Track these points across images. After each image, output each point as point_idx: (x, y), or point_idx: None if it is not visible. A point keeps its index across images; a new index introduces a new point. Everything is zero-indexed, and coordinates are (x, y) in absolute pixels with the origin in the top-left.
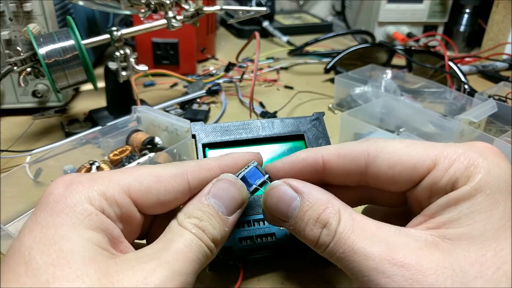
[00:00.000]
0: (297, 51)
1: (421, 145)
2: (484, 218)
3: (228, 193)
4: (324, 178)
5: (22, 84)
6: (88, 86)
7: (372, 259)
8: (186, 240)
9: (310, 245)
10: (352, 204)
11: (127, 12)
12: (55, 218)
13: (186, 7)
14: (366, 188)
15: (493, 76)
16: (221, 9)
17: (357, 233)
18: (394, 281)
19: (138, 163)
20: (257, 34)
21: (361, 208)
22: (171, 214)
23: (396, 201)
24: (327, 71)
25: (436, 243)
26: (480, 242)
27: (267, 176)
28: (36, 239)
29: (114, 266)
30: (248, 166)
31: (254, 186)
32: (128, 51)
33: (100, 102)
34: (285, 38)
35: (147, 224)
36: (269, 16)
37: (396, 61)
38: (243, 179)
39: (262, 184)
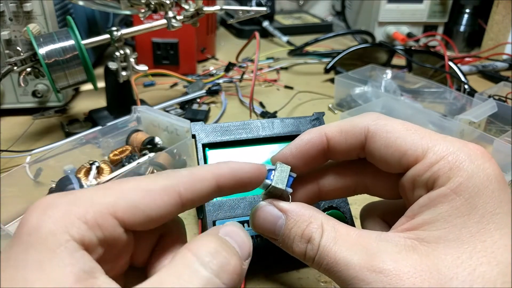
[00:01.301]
0: (297, 51)
1: (419, 132)
2: (461, 222)
3: (237, 235)
4: (329, 155)
5: (22, 84)
6: (88, 86)
7: (352, 268)
8: (192, 272)
9: (299, 258)
10: (349, 192)
11: (127, 12)
12: (24, 256)
13: (186, 7)
14: (361, 176)
15: (493, 76)
16: (221, 9)
17: (339, 243)
18: (373, 287)
19: (138, 163)
20: (257, 34)
21: (359, 207)
22: (171, 242)
23: (390, 191)
24: (327, 71)
25: (414, 246)
26: (456, 246)
27: (294, 174)
28: (3, 282)
29: None
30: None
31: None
32: (128, 51)
33: (100, 102)
34: (285, 38)
35: (147, 247)
36: (269, 16)
37: (396, 61)
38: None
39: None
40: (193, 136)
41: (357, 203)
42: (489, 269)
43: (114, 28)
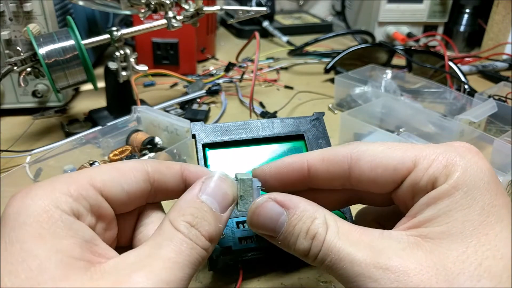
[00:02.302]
0: (297, 51)
1: (402, 146)
2: (462, 215)
3: (220, 190)
4: (310, 183)
5: (22, 84)
6: (88, 86)
7: (358, 265)
8: (175, 245)
9: (299, 256)
10: (342, 204)
11: (127, 12)
12: (18, 232)
13: (186, 7)
14: (354, 190)
15: (493, 76)
16: (221, 9)
17: (343, 240)
18: (380, 284)
19: None
20: (257, 34)
21: (359, 206)
22: (157, 219)
23: (384, 200)
24: (327, 71)
25: (418, 243)
26: (460, 240)
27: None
28: (2, 259)
29: (89, 281)
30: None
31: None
32: (128, 51)
33: (100, 102)
34: (285, 38)
35: (129, 228)
36: (269, 16)
37: (396, 61)
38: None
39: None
40: (193, 136)
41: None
42: (495, 263)
43: (114, 28)
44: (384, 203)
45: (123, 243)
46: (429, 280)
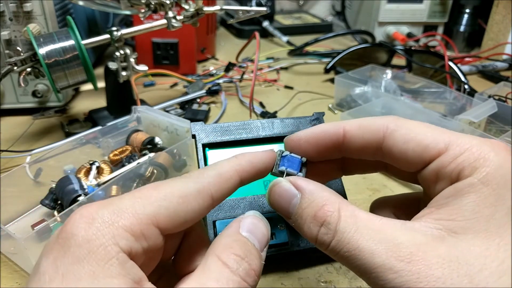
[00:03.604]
0: (297, 51)
1: (439, 128)
2: (489, 213)
3: (258, 228)
4: (343, 150)
5: (22, 84)
6: (88, 86)
7: (378, 256)
8: (222, 284)
9: (311, 241)
10: (370, 169)
11: (127, 12)
12: (76, 267)
13: (186, 7)
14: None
15: (493, 76)
16: (221, 9)
17: (361, 231)
18: (401, 276)
19: (138, 163)
20: (257, 34)
21: (369, 202)
22: (195, 237)
23: (410, 177)
24: (327, 71)
25: (442, 236)
26: (484, 237)
27: (304, 159)
28: None
29: None
30: (279, 156)
31: (301, 171)
32: (128, 51)
33: (100, 102)
34: (285, 38)
35: (173, 247)
36: (269, 16)
37: (396, 61)
38: (285, 170)
39: (305, 164)
40: (193, 136)
41: (357, 202)
42: None
43: (114, 28)
44: (410, 179)
45: (165, 259)
46: (450, 274)
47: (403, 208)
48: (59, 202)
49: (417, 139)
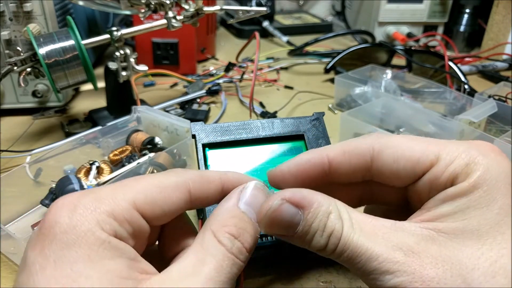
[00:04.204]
0: (297, 51)
1: (423, 140)
2: (479, 213)
3: (257, 199)
4: (329, 177)
5: (22, 84)
6: (88, 86)
7: (375, 259)
8: (218, 261)
9: (315, 251)
10: (354, 204)
11: (127, 12)
12: (67, 252)
13: (186, 7)
14: (367, 185)
15: (493, 76)
16: (221, 9)
17: (359, 234)
18: (397, 277)
19: (138, 163)
20: (257, 34)
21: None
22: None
23: (396, 197)
24: (327, 71)
25: (432, 237)
26: (476, 237)
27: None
28: (51, 279)
29: None
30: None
31: None
32: (128, 51)
33: (100, 102)
34: (285, 38)
35: (157, 231)
36: (269, 16)
37: (396, 61)
38: None
39: None
40: (193, 136)
41: None
42: (510, 261)
43: (114, 28)
44: (395, 201)
45: (150, 244)
46: (443, 274)
47: (393, 213)
48: None
49: (406, 156)
